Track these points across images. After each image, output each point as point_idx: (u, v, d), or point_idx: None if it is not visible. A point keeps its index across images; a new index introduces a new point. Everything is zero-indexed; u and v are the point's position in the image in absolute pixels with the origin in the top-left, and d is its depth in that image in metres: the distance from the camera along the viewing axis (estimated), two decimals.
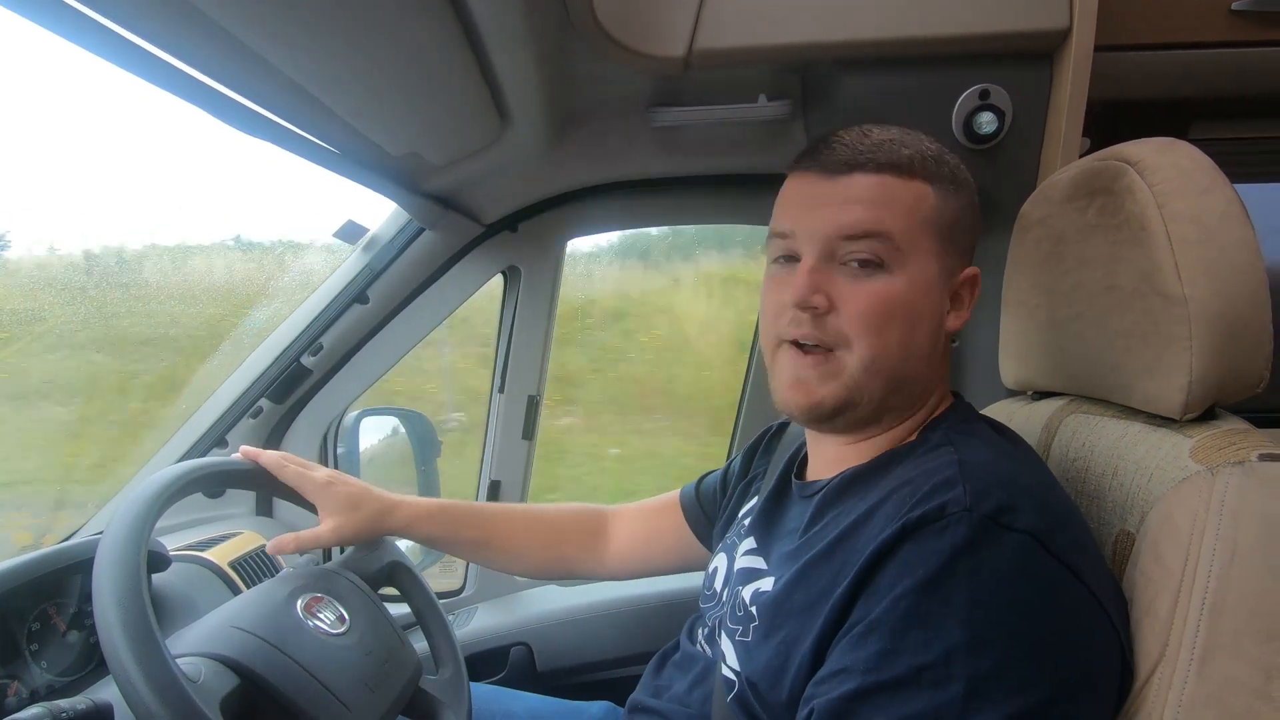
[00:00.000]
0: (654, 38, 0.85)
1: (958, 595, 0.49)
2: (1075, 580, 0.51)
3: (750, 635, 0.62)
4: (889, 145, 0.62)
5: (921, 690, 0.48)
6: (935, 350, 0.65)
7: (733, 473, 0.91)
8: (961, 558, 0.50)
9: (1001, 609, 0.49)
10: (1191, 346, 0.57)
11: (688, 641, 0.79)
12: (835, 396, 0.62)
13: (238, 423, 1.20)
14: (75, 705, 0.59)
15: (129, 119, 1.20)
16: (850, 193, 0.61)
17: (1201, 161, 0.59)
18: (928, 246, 0.62)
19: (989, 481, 0.53)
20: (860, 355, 0.61)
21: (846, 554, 0.56)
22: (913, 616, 0.50)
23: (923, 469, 0.57)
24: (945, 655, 0.48)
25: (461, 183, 1.09)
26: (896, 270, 0.61)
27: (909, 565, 0.51)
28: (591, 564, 0.99)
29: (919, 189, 0.62)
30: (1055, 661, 0.49)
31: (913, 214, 0.61)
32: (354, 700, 0.70)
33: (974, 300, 0.66)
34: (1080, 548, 0.54)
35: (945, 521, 0.51)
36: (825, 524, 0.62)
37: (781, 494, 0.74)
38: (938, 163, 0.64)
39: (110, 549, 0.60)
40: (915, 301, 0.61)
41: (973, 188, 0.67)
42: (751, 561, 0.70)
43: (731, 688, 0.64)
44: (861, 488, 0.62)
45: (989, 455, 0.58)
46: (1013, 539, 0.50)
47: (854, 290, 0.61)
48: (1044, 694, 0.48)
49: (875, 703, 0.50)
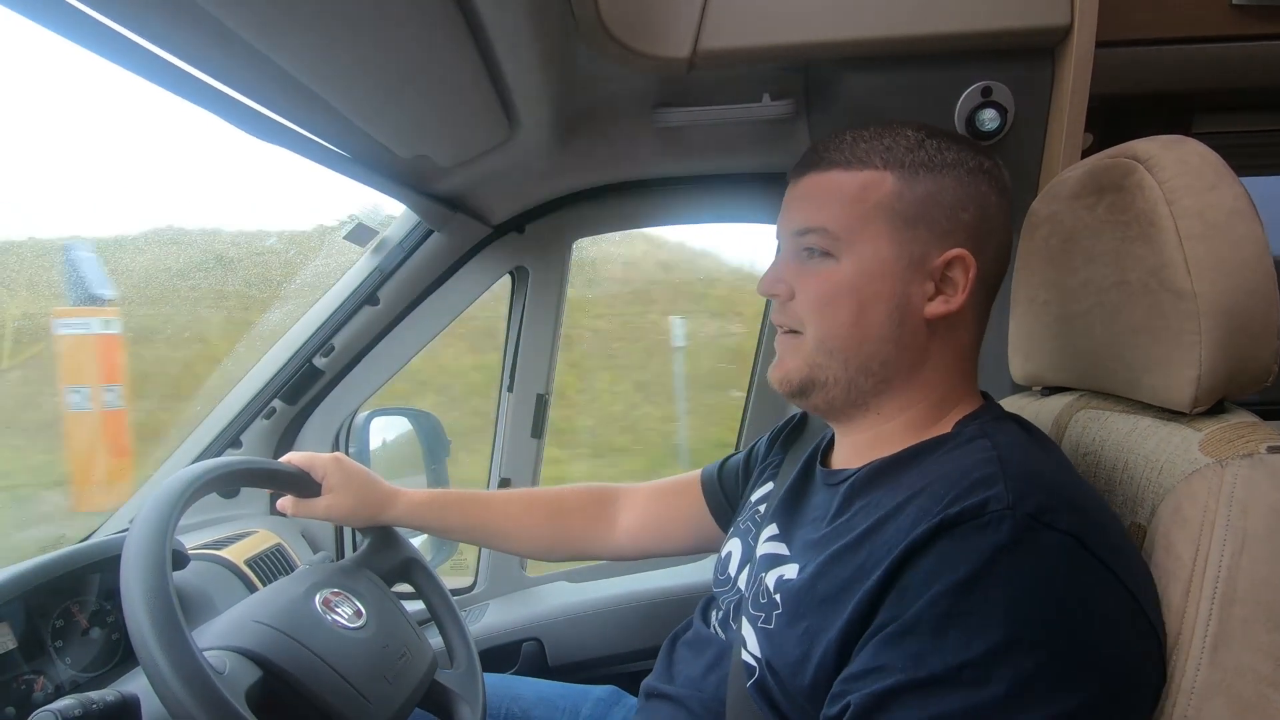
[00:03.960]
0: (658, 39, 0.85)
1: (998, 594, 0.49)
2: (1116, 581, 0.51)
3: (773, 623, 0.63)
4: (846, 143, 0.66)
5: (961, 689, 0.48)
6: (904, 334, 0.64)
7: (756, 456, 0.91)
8: (1003, 556, 0.49)
9: (1043, 609, 0.49)
10: (1200, 341, 0.57)
11: (701, 623, 0.80)
12: (799, 371, 0.67)
13: (251, 423, 1.21)
14: (105, 697, 0.61)
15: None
16: (798, 192, 0.68)
17: (1209, 158, 0.60)
18: (880, 230, 0.64)
19: (1030, 480, 0.53)
20: (813, 335, 0.66)
21: (876, 545, 0.56)
22: (953, 615, 0.49)
23: (959, 464, 0.57)
24: (986, 654, 0.48)
25: (469, 184, 1.10)
26: (843, 257, 0.64)
27: (948, 562, 0.50)
28: (598, 541, 0.99)
29: (868, 177, 0.64)
30: (1096, 663, 0.49)
31: (857, 203, 0.64)
32: (372, 692, 0.71)
33: (970, 283, 0.64)
34: (1118, 549, 0.53)
35: (986, 519, 0.50)
36: (854, 513, 0.62)
37: (805, 481, 0.74)
38: (909, 149, 0.64)
39: (136, 545, 0.62)
40: (861, 285, 0.64)
41: (969, 169, 0.65)
42: (774, 548, 0.70)
43: (752, 673, 0.64)
44: (892, 478, 0.62)
45: (1027, 453, 0.58)
46: (1054, 539, 0.50)
47: (805, 278, 0.67)
48: (1085, 695, 0.48)
49: (913, 700, 0.49)
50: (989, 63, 0.89)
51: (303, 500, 0.90)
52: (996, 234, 0.66)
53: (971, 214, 0.64)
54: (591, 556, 1.04)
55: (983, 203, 0.65)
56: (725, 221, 1.35)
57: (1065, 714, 0.47)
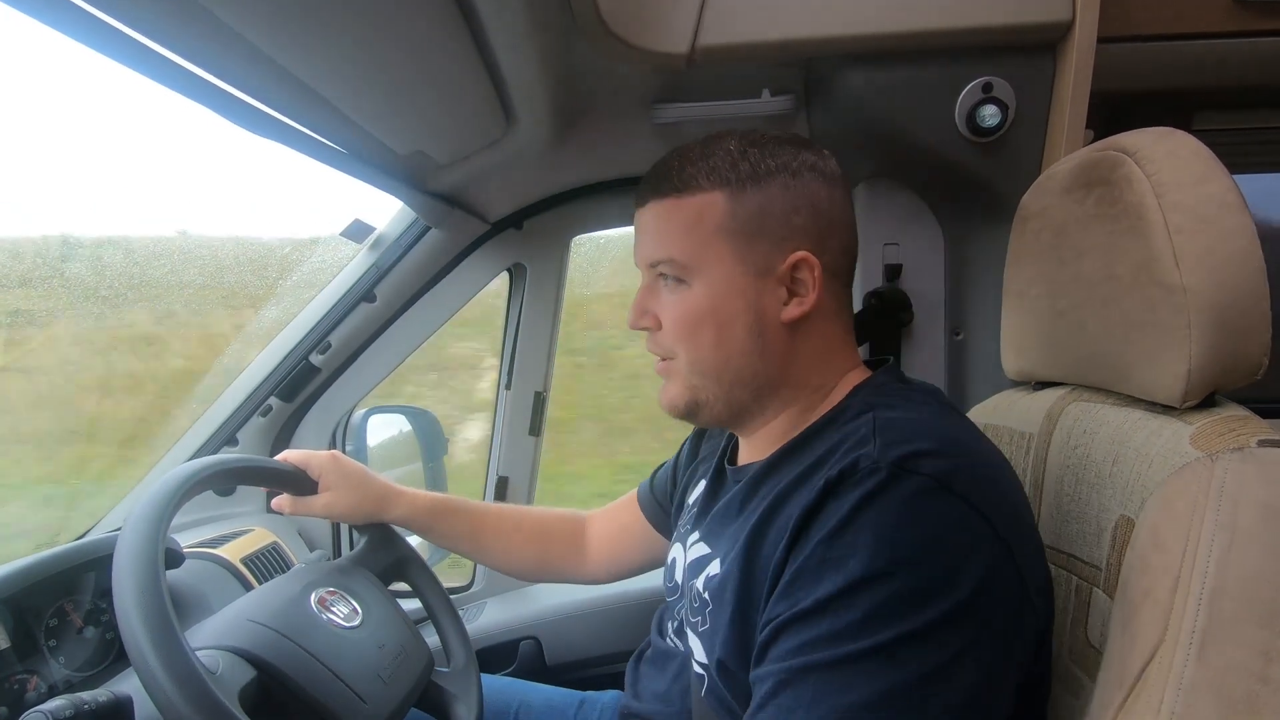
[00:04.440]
0: (657, 34, 0.85)
1: (863, 536, 0.52)
2: (980, 518, 0.53)
3: (709, 621, 0.64)
4: (674, 167, 0.66)
5: (825, 617, 0.52)
6: (766, 345, 0.66)
7: (682, 459, 0.93)
8: (868, 502, 0.53)
9: (900, 544, 0.52)
10: (1190, 335, 0.57)
11: (658, 637, 0.80)
12: (681, 396, 0.69)
13: (248, 421, 1.21)
14: (97, 697, 0.60)
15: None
16: (643, 223, 0.69)
17: (1199, 151, 0.59)
18: (722, 251, 0.65)
19: (900, 435, 0.56)
20: (685, 360, 0.68)
21: (780, 520, 0.59)
22: (826, 560, 0.53)
23: (844, 433, 0.61)
24: (848, 586, 0.52)
25: (467, 180, 1.09)
26: (694, 282, 0.66)
27: (826, 517, 0.54)
28: (574, 569, 1.02)
29: (701, 201, 0.65)
30: (946, 591, 0.51)
31: (696, 228, 0.65)
32: (368, 692, 0.71)
33: (818, 281, 0.64)
34: (990, 497, 0.55)
35: (859, 475, 0.54)
36: (759, 498, 0.64)
37: (718, 482, 0.77)
38: (732, 165, 0.65)
39: (129, 543, 0.61)
40: (717, 307, 0.65)
41: (793, 169, 0.65)
42: (699, 551, 0.71)
43: (703, 683, 0.66)
44: (790, 461, 0.65)
45: (908, 413, 0.61)
46: (916, 482, 0.53)
47: (666, 307, 0.68)
48: (932, 617, 0.51)
49: (788, 631, 0.54)
50: (990, 58, 0.89)
51: (300, 498, 0.90)
52: (836, 226, 0.67)
53: (804, 215, 0.65)
54: (571, 581, 1.06)
55: (813, 200, 0.65)
56: None
57: (915, 632, 0.50)
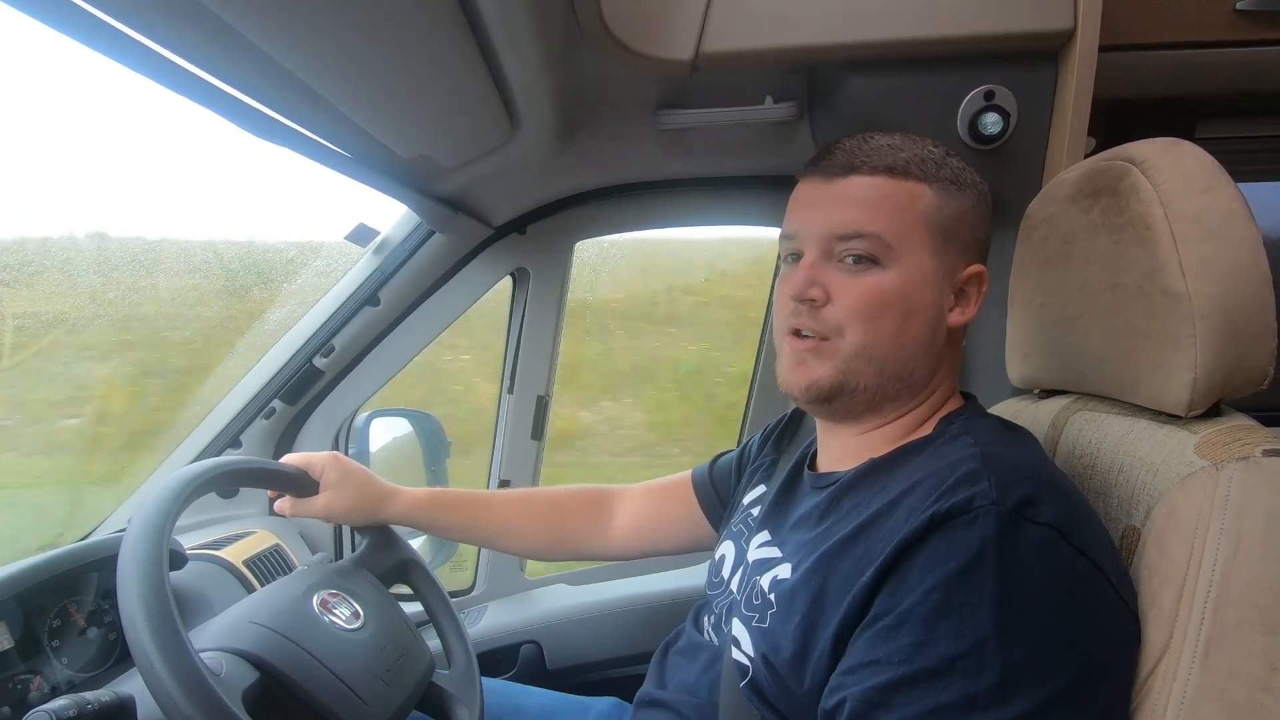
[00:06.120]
0: (661, 41, 0.85)
1: (987, 587, 0.51)
2: (1095, 570, 0.54)
3: (768, 621, 0.64)
4: (886, 149, 0.66)
5: (955, 679, 0.50)
6: (935, 343, 0.67)
7: (749, 455, 0.92)
8: (990, 550, 0.51)
9: (1029, 600, 0.51)
10: (1196, 344, 0.57)
11: (694, 629, 0.80)
12: (830, 377, 0.66)
13: (251, 423, 1.21)
14: (100, 697, 0.60)
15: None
16: (845, 194, 0.66)
17: (1205, 161, 0.60)
18: (923, 243, 0.65)
19: (1012, 475, 0.55)
20: (853, 341, 0.65)
21: (869, 543, 0.58)
22: (945, 608, 0.51)
23: (945, 460, 0.59)
24: (977, 645, 0.50)
25: (471, 185, 1.10)
26: (890, 265, 0.65)
27: (939, 557, 0.52)
28: (596, 542, 1.00)
29: (914, 189, 0.65)
30: (1080, 649, 0.51)
31: (906, 213, 0.65)
32: (369, 694, 0.71)
33: (981, 297, 0.68)
34: (1097, 539, 0.56)
35: (974, 514, 0.52)
36: (844, 513, 0.64)
37: (793, 485, 0.76)
38: (939, 165, 0.67)
39: (133, 545, 0.61)
40: (909, 295, 0.65)
41: (981, 189, 0.69)
42: (767, 552, 0.71)
43: (745, 673, 0.65)
44: (881, 478, 0.64)
45: (1007, 449, 0.60)
46: (1038, 532, 0.52)
47: (848, 285, 0.65)
48: (1071, 679, 0.50)
49: (910, 693, 0.51)
50: (992, 66, 0.89)
51: (301, 499, 0.90)
52: (988, 254, 0.71)
53: (984, 232, 0.69)
54: (589, 557, 1.05)
55: (989, 224, 0.70)
56: (727, 224, 1.34)
57: (1054, 697, 0.50)
